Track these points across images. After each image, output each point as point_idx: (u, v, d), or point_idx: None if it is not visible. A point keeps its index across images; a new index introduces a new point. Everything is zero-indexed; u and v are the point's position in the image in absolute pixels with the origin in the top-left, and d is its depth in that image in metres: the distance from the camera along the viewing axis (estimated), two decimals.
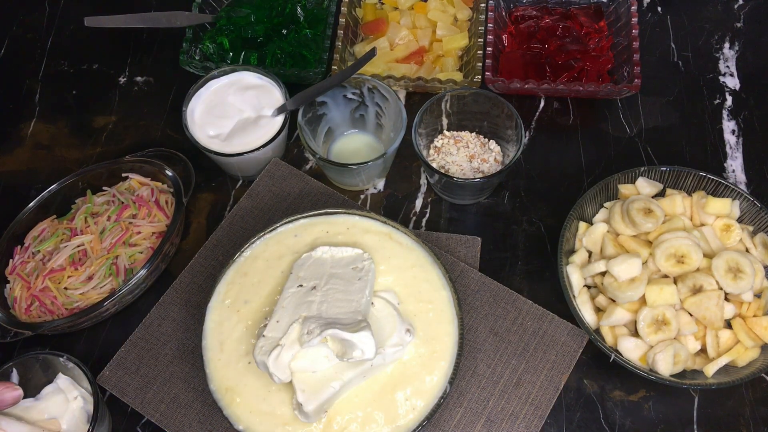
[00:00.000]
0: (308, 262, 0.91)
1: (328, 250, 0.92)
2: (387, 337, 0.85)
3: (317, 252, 0.92)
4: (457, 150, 1.07)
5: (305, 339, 0.81)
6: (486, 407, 0.91)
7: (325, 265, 0.90)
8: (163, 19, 1.17)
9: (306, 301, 0.86)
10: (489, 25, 1.16)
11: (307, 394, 0.82)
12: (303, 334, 0.81)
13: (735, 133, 1.14)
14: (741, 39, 1.22)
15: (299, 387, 0.82)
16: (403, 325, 0.87)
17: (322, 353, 0.83)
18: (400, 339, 0.86)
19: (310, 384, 0.82)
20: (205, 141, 1.05)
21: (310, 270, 0.90)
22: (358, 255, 0.91)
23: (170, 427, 0.91)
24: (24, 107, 1.22)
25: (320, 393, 0.82)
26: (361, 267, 0.89)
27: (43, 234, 1.03)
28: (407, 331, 0.86)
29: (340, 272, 0.89)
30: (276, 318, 0.85)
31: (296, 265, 0.91)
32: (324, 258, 0.91)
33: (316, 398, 0.82)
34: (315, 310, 0.84)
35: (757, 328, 0.90)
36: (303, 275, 0.89)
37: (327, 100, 1.07)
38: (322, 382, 0.83)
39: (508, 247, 1.05)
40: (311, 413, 0.82)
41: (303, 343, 0.81)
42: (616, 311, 0.90)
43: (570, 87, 1.10)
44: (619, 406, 0.94)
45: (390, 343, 0.85)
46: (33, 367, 0.91)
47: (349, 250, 0.92)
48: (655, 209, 0.94)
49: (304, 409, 0.81)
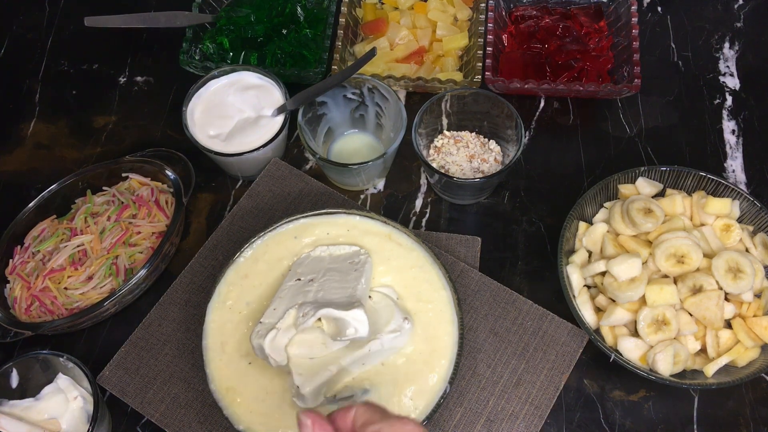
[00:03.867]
0: (307, 261, 0.93)
1: (327, 249, 0.94)
2: (384, 324, 0.87)
3: (316, 251, 0.94)
4: (457, 150, 1.07)
5: (300, 321, 0.83)
6: (486, 407, 0.91)
7: (323, 262, 0.93)
8: (163, 19, 1.17)
9: (303, 291, 0.88)
10: (489, 25, 1.16)
11: (303, 377, 0.83)
12: (298, 317, 0.83)
13: (735, 133, 1.14)
14: (741, 39, 1.22)
15: (296, 371, 0.83)
16: (400, 314, 0.88)
17: (319, 340, 0.84)
18: (398, 326, 0.87)
19: (307, 368, 0.84)
20: (205, 141, 1.05)
21: (308, 266, 0.92)
22: (355, 252, 0.93)
23: (170, 427, 0.91)
24: (24, 107, 1.22)
25: (317, 376, 0.83)
26: (357, 261, 0.91)
27: (43, 234, 1.03)
28: (405, 319, 0.87)
29: (337, 266, 0.91)
30: (273, 306, 0.87)
31: (295, 263, 0.93)
32: (322, 256, 0.94)
33: (312, 381, 0.83)
34: (311, 298, 0.86)
35: (757, 328, 0.90)
36: (301, 271, 0.92)
37: (327, 100, 1.07)
38: (320, 366, 0.84)
39: (508, 247, 1.05)
40: (308, 396, 0.82)
41: (298, 326, 0.83)
42: (616, 311, 0.90)
43: (570, 87, 1.10)
44: (619, 406, 0.94)
45: (387, 329, 0.86)
46: (33, 367, 0.91)
47: (346, 248, 0.94)
48: (655, 209, 0.94)
49: (301, 391, 0.82)
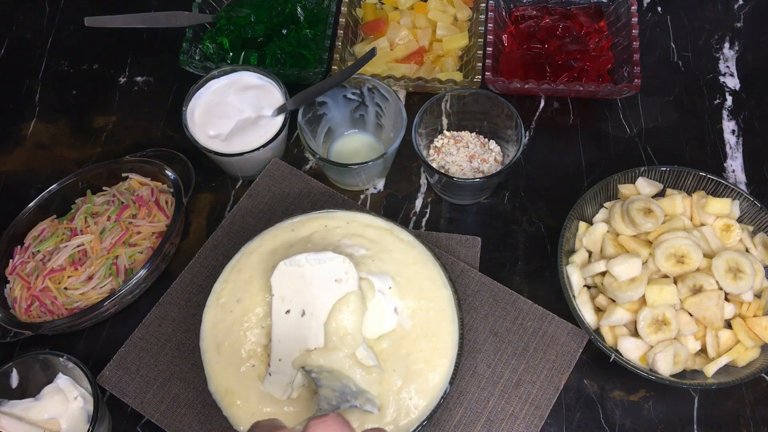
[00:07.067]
0: (286, 276, 0.87)
1: (305, 261, 0.87)
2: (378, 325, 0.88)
3: (293, 261, 0.87)
4: (457, 150, 1.07)
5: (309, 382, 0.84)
6: (486, 407, 0.91)
7: (305, 279, 0.86)
8: (163, 19, 1.17)
9: (300, 334, 0.85)
10: (489, 25, 1.16)
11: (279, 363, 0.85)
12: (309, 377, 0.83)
13: (735, 133, 1.14)
14: (741, 39, 1.22)
15: (276, 356, 0.85)
16: (389, 306, 0.88)
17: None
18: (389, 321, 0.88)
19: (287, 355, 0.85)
20: (205, 141, 1.05)
21: (291, 288, 0.87)
22: (339, 264, 0.87)
23: (170, 427, 0.91)
24: (24, 107, 1.22)
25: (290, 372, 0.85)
26: (345, 279, 0.86)
27: (43, 234, 1.03)
28: (394, 310, 0.88)
29: (323, 287, 0.86)
30: (278, 356, 0.85)
31: (274, 281, 0.87)
32: (303, 271, 0.87)
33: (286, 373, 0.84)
34: (311, 344, 0.85)
35: (757, 328, 0.90)
36: (285, 295, 0.86)
37: (327, 100, 1.07)
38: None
39: (508, 247, 1.05)
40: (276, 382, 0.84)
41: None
42: (616, 311, 0.90)
43: (570, 87, 1.10)
44: (619, 406, 0.94)
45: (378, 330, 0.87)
46: (33, 367, 0.91)
47: (328, 256, 0.87)
48: (655, 209, 0.94)
49: (269, 371, 0.84)
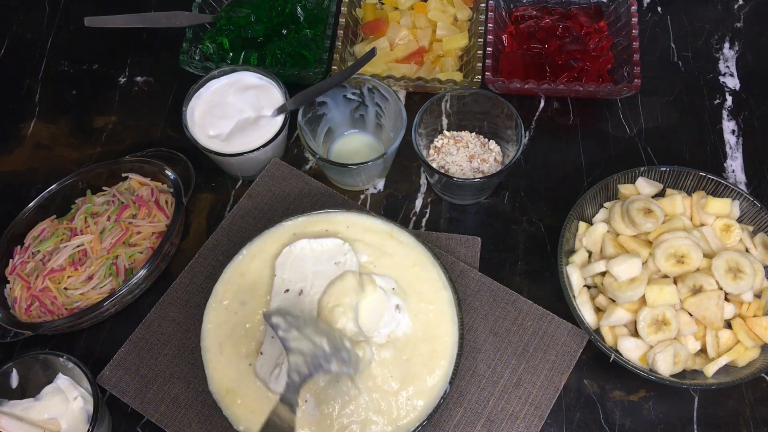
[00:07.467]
0: (289, 260, 0.92)
1: (308, 244, 0.92)
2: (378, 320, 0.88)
3: (296, 247, 0.92)
4: (457, 150, 1.07)
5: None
6: (486, 407, 0.91)
7: (306, 261, 0.91)
8: (163, 19, 1.17)
9: (298, 307, 0.87)
10: (489, 25, 1.16)
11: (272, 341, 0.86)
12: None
13: (735, 133, 1.14)
14: (741, 39, 1.22)
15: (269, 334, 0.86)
16: (391, 303, 0.88)
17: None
18: (390, 318, 0.88)
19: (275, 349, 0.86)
20: (205, 141, 1.05)
21: (292, 270, 0.91)
22: (337, 247, 0.92)
23: (170, 427, 0.91)
24: (24, 107, 1.22)
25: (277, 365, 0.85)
26: (343, 261, 0.91)
27: (43, 234, 1.03)
28: (396, 307, 0.88)
29: (322, 269, 0.90)
30: (270, 334, 0.86)
31: (278, 263, 0.92)
32: (304, 253, 0.92)
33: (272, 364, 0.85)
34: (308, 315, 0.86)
35: (757, 328, 0.90)
36: (287, 276, 0.91)
37: (327, 100, 1.07)
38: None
39: (508, 247, 1.05)
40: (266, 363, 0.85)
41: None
42: (616, 311, 0.90)
43: (570, 87, 1.10)
44: (619, 406, 0.94)
45: (381, 325, 0.88)
46: (33, 367, 0.91)
47: (328, 242, 0.92)
48: (655, 209, 0.94)
49: (261, 350, 0.85)
